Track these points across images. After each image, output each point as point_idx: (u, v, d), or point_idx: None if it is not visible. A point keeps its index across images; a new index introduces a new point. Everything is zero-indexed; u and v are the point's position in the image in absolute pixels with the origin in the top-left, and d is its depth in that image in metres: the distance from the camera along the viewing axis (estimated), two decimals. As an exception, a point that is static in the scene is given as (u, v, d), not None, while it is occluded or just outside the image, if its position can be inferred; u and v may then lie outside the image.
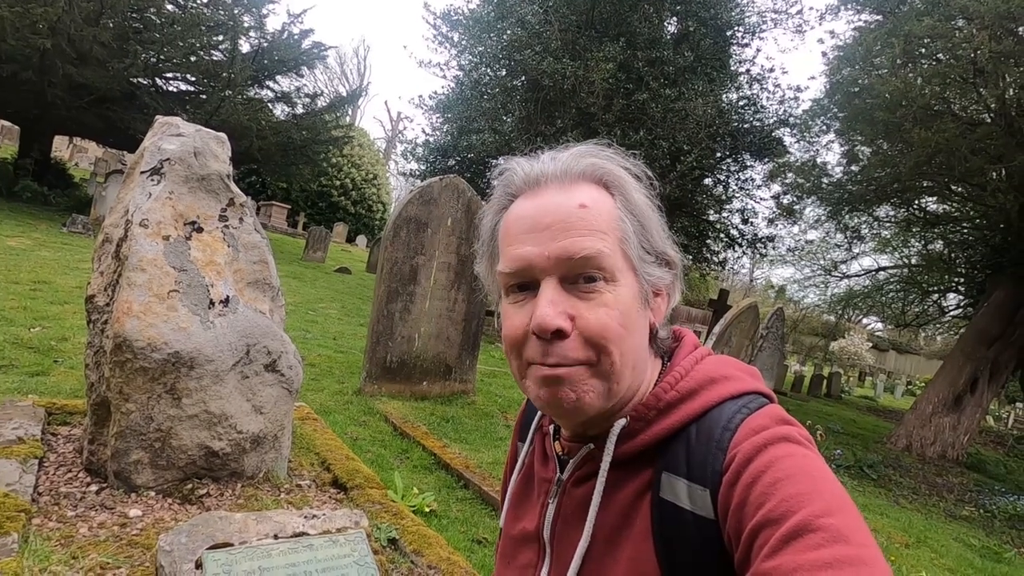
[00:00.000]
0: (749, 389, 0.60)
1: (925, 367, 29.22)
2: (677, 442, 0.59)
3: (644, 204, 0.62)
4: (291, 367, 2.48)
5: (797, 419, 0.58)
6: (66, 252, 7.76)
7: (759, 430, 0.55)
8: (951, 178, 8.36)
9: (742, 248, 13.80)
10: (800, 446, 0.53)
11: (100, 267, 2.33)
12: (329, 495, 2.50)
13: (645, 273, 0.60)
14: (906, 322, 15.39)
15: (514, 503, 0.75)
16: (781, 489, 0.49)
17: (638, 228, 0.60)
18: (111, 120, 11.81)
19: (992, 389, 9.21)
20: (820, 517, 0.45)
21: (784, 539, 0.45)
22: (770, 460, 0.51)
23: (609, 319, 0.56)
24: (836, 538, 0.44)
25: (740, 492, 0.51)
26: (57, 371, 3.56)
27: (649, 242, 0.61)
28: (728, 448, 0.55)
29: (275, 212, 21.75)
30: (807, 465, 0.51)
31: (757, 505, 0.49)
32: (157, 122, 2.48)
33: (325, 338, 6.49)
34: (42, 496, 1.99)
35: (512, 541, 0.73)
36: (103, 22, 10.33)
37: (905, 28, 6.69)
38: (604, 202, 0.59)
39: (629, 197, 0.61)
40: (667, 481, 0.58)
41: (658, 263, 0.62)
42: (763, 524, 0.48)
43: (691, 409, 0.59)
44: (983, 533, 5.44)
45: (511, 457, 0.83)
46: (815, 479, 0.49)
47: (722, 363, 0.63)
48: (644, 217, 0.61)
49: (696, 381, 0.61)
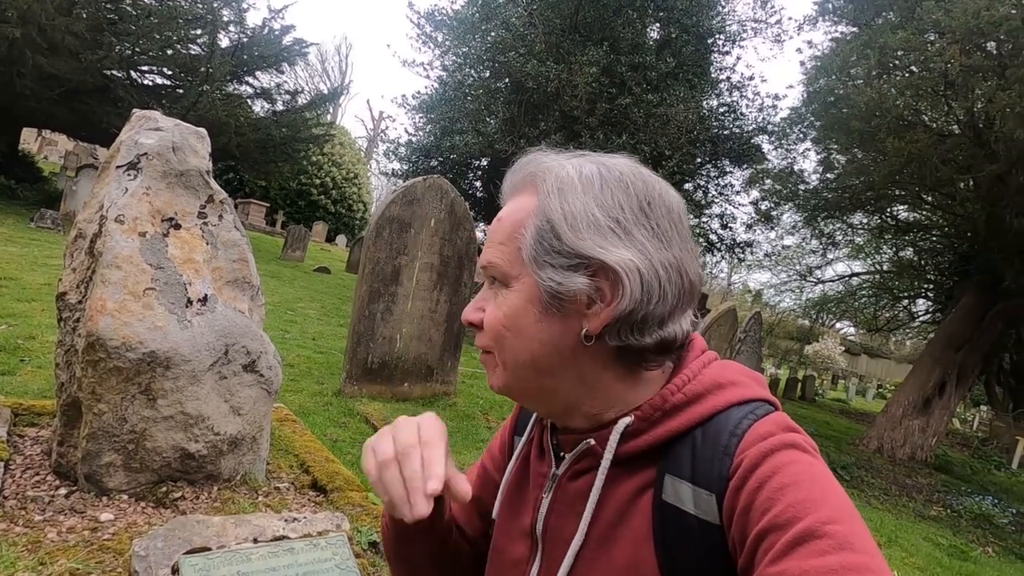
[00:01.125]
0: (756, 396, 0.60)
1: (895, 371, 29.99)
2: (682, 445, 0.58)
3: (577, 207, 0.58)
4: (270, 367, 2.43)
5: None
6: (34, 247, 7.51)
7: (766, 436, 0.55)
8: (922, 187, 8.61)
9: (721, 253, 14.01)
10: (806, 454, 0.54)
11: (72, 263, 2.26)
12: (308, 498, 2.46)
13: (542, 277, 0.58)
14: (877, 327, 15.80)
15: (508, 496, 0.75)
16: (787, 495, 0.49)
17: (546, 230, 0.58)
18: (83, 113, 11.49)
19: (959, 392, 9.49)
20: (826, 524, 0.46)
21: (789, 545, 0.45)
22: (776, 466, 0.51)
23: (493, 318, 0.63)
24: (842, 545, 0.44)
25: (746, 497, 0.51)
26: (24, 370, 3.44)
27: (561, 244, 0.57)
28: (735, 453, 0.55)
29: (253, 210, 21.40)
30: (813, 472, 0.51)
31: (763, 510, 0.49)
32: (134, 115, 2.42)
33: (304, 338, 6.40)
34: (7, 500, 1.91)
35: (504, 534, 0.73)
36: (76, 12, 10.06)
37: (880, 40, 6.87)
38: (520, 211, 0.61)
39: (552, 200, 0.58)
40: (670, 484, 0.57)
41: (571, 268, 0.57)
42: (768, 529, 0.48)
43: (697, 413, 0.59)
44: (950, 532, 5.59)
45: (498, 447, 0.82)
46: (821, 486, 0.50)
47: (729, 368, 0.63)
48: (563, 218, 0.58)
49: (703, 385, 0.60)
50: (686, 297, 0.60)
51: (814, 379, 19.20)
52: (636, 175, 0.62)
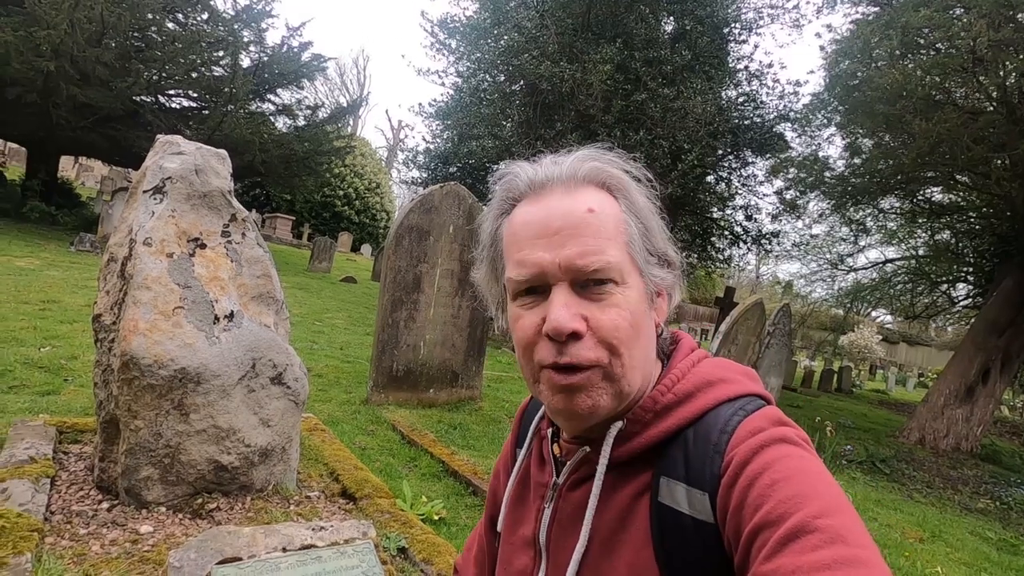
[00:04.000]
0: (746, 391, 0.60)
1: (937, 359, 28.96)
2: (675, 446, 0.58)
3: (646, 207, 0.63)
4: (297, 379, 2.50)
5: (807, 415, 0.60)
6: (74, 271, 7.84)
7: (756, 432, 0.55)
8: (955, 168, 8.31)
9: (747, 245, 13.74)
10: (797, 447, 0.53)
11: (106, 286, 2.36)
12: (338, 506, 2.51)
13: (650, 274, 0.61)
14: (915, 314, 15.26)
15: (511, 508, 0.75)
16: (778, 491, 0.49)
17: (642, 230, 0.61)
18: (115, 139, 11.95)
19: (1004, 379, 9.12)
20: (818, 518, 0.45)
21: (782, 541, 0.45)
22: (767, 462, 0.51)
23: (621, 319, 0.57)
24: (834, 539, 0.44)
25: (738, 494, 0.51)
26: (67, 390, 3.60)
27: (652, 243, 0.62)
28: (725, 451, 0.55)
29: (280, 224, 21.89)
30: (804, 466, 0.51)
31: (755, 507, 0.49)
32: (158, 141, 2.52)
33: (332, 348, 6.52)
34: (55, 515, 2.01)
35: (509, 546, 0.74)
36: (105, 42, 10.46)
37: (902, 19, 6.67)
38: (609, 205, 0.60)
39: (632, 200, 0.62)
40: (665, 486, 0.57)
41: (660, 264, 0.63)
42: (761, 526, 0.48)
43: (688, 412, 0.59)
44: (999, 526, 5.37)
45: (503, 460, 0.84)
46: (812, 480, 0.49)
47: (719, 366, 0.63)
48: (647, 219, 0.62)
49: (693, 384, 0.61)
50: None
51: (850, 370, 18.69)
52: (643, 177, 0.65)
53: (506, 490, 0.77)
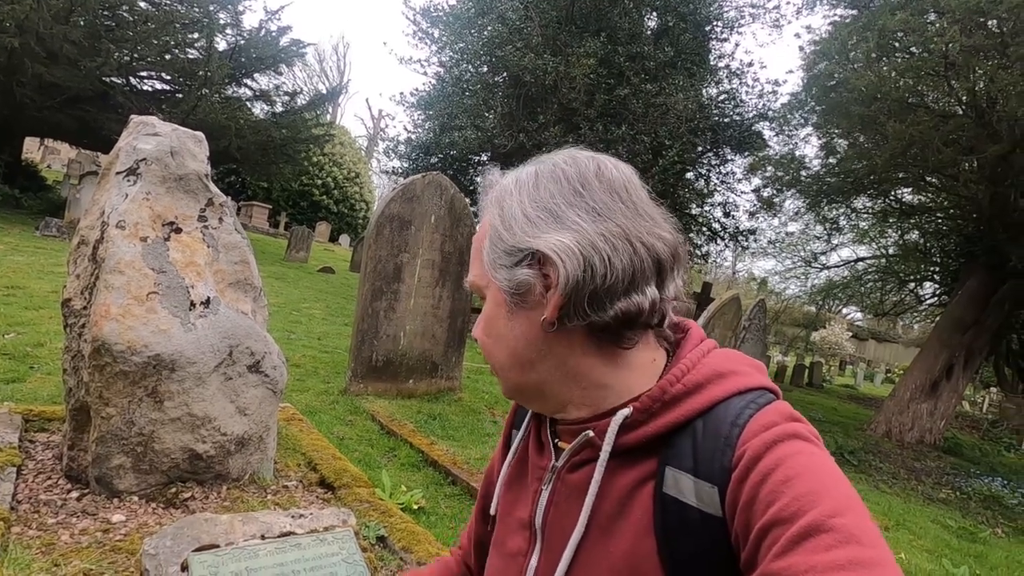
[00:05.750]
0: (757, 385, 0.59)
1: (904, 355, 29.86)
2: (682, 436, 0.57)
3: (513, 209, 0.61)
4: (275, 367, 2.46)
5: None
6: (40, 256, 7.58)
7: (768, 426, 0.54)
8: (925, 169, 8.55)
9: (724, 241, 13.96)
10: (809, 443, 0.53)
11: (76, 270, 2.29)
12: (316, 495, 2.49)
13: (501, 279, 0.61)
14: (884, 311, 15.71)
15: (506, 490, 0.75)
16: (791, 488, 0.48)
17: (494, 236, 0.62)
18: (84, 120, 11.55)
19: (967, 375, 9.45)
20: (831, 517, 0.45)
21: (795, 539, 0.45)
22: (780, 457, 0.51)
23: (477, 331, 0.66)
24: (848, 539, 0.43)
25: (749, 490, 0.50)
26: (33, 377, 3.49)
27: (504, 244, 0.60)
28: (737, 444, 0.54)
29: (256, 212, 21.48)
30: (817, 463, 0.50)
31: (767, 503, 0.48)
32: (132, 122, 2.44)
33: (310, 338, 6.44)
34: (21, 504, 1.95)
35: (504, 527, 0.73)
36: (73, 20, 10.09)
37: (879, 22, 6.81)
38: (480, 229, 0.65)
39: (494, 209, 0.63)
40: (671, 476, 0.56)
41: (517, 263, 0.59)
42: (773, 523, 0.47)
43: (698, 403, 0.58)
44: (959, 515, 5.59)
45: (503, 444, 0.84)
46: (825, 478, 0.49)
47: (729, 357, 0.62)
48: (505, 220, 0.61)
49: (703, 375, 0.59)
50: (644, 265, 0.58)
51: (822, 365, 19.16)
52: (569, 162, 0.62)
53: (501, 471, 0.76)
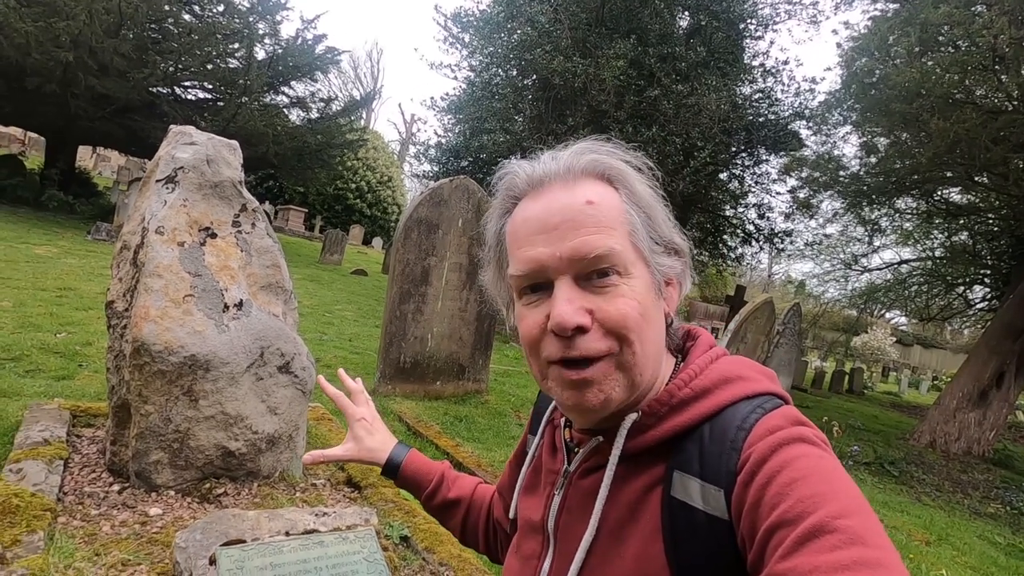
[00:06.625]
0: (764, 390, 0.60)
1: (952, 362, 28.54)
2: (690, 441, 0.58)
3: (648, 195, 0.62)
4: (304, 368, 2.53)
5: (816, 415, 0.59)
6: (90, 259, 7.97)
7: (774, 430, 0.54)
8: (973, 168, 8.16)
9: (759, 243, 13.62)
10: (815, 447, 0.53)
11: (119, 273, 2.41)
12: (343, 494, 2.55)
13: (656, 263, 0.61)
14: (931, 316, 15.05)
15: (524, 494, 0.77)
16: (797, 490, 0.48)
17: (645, 219, 0.61)
18: (132, 129, 12.10)
19: (1019, 383, 8.97)
20: (837, 518, 0.45)
21: (800, 540, 0.45)
22: (785, 460, 0.51)
23: (629, 308, 0.57)
24: (853, 540, 0.43)
25: (754, 492, 0.51)
26: (82, 375, 3.67)
27: (657, 232, 0.61)
28: (742, 448, 0.54)
29: (292, 216, 22.06)
30: (822, 466, 0.50)
31: (772, 505, 0.49)
32: (171, 131, 2.56)
33: (341, 340, 6.58)
34: (67, 496, 2.06)
35: (520, 531, 0.75)
36: (123, 33, 10.58)
37: (921, 16, 6.55)
38: (609, 196, 0.60)
39: (633, 189, 0.61)
40: (679, 480, 0.57)
41: (667, 252, 0.62)
42: (778, 524, 0.47)
43: (705, 408, 0.58)
44: (1009, 531, 5.31)
45: (519, 449, 0.86)
46: (831, 480, 0.49)
47: (737, 363, 0.63)
48: (649, 208, 0.61)
49: (711, 380, 0.60)
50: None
51: (863, 371, 18.49)
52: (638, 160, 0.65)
53: (519, 477, 0.78)
